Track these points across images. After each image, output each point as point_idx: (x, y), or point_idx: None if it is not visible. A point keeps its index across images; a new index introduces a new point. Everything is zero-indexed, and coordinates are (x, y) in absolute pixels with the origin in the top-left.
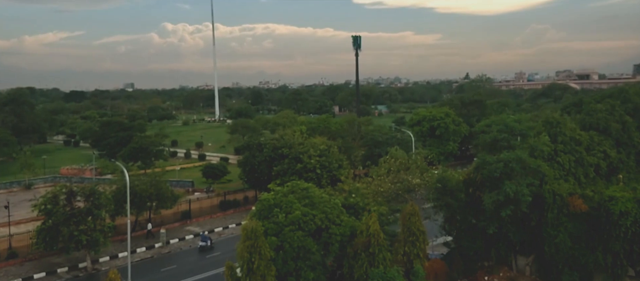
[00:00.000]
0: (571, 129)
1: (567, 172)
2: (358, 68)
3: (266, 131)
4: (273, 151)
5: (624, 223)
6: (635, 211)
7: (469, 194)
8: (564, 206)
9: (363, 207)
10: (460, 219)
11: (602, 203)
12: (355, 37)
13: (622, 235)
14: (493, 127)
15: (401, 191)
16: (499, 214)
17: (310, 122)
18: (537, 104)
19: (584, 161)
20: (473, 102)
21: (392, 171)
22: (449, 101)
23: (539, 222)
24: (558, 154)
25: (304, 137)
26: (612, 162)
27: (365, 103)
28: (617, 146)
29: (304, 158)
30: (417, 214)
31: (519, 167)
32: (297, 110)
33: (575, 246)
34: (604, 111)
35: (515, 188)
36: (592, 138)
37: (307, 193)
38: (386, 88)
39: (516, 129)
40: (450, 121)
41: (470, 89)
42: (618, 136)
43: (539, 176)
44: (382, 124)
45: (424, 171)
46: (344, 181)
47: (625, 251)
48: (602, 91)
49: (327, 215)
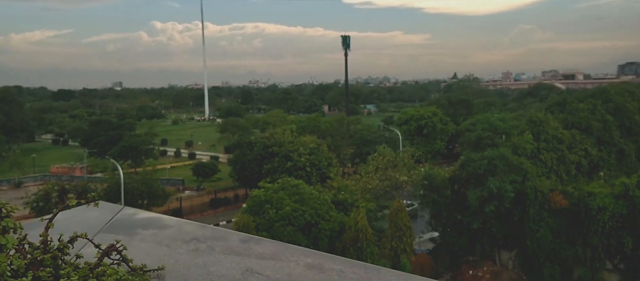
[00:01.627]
0: (554, 127)
1: (550, 169)
2: (347, 68)
3: (256, 130)
4: (263, 149)
5: (601, 218)
6: (613, 206)
7: (455, 191)
8: (545, 202)
9: (351, 203)
10: (446, 215)
11: (581, 198)
12: (344, 37)
13: (600, 229)
14: (477, 125)
15: (389, 188)
16: (483, 210)
17: (300, 121)
18: (523, 104)
19: (566, 159)
20: (460, 102)
21: (380, 168)
22: (436, 101)
23: (522, 217)
24: (541, 152)
25: (294, 136)
26: (593, 160)
27: (355, 102)
28: (598, 145)
29: (294, 156)
30: (404, 210)
31: (502, 164)
32: (287, 109)
33: (555, 240)
34: (586, 111)
35: (499, 185)
36: (574, 137)
37: (297, 189)
38: (375, 87)
39: (500, 128)
40: (438, 120)
41: (457, 89)
42: (599, 134)
43: (522, 173)
44: (371, 123)
45: (411, 168)
46: (333, 178)
47: (603, 244)
48: (587, 91)
49: (317, 211)
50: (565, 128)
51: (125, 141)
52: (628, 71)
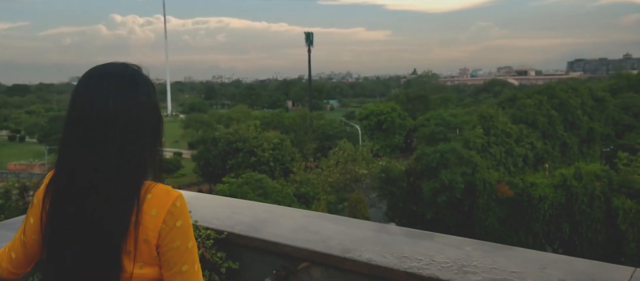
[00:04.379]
0: (503, 122)
1: (498, 162)
2: (310, 64)
3: (220, 125)
4: (227, 145)
5: (542, 206)
6: (552, 196)
7: (410, 183)
8: (492, 192)
9: (313, 196)
10: (402, 206)
11: (525, 189)
12: (307, 33)
13: (541, 217)
14: (431, 121)
15: (349, 181)
16: (436, 200)
17: (264, 117)
18: (478, 99)
19: (514, 152)
20: (418, 97)
21: (340, 162)
22: (395, 97)
23: (471, 207)
24: (490, 145)
25: (258, 132)
26: (539, 152)
27: (318, 98)
28: (543, 138)
29: (258, 151)
30: (362, 202)
31: (454, 157)
32: (251, 105)
33: (502, 228)
34: (532, 106)
35: (450, 177)
36: (521, 131)
37: (260, 183)
38: (338, 83)
39: (452, 123)
40: (396, 115)
41: (416, 85)
42: (544, 128)
43: (472, 165)
44: (333, 118)
45: (369, 162)
46: (296, 172)
47: (544, 231)
48: (537, 87)
49: (280, 204)
50: (513, 123)
51: None
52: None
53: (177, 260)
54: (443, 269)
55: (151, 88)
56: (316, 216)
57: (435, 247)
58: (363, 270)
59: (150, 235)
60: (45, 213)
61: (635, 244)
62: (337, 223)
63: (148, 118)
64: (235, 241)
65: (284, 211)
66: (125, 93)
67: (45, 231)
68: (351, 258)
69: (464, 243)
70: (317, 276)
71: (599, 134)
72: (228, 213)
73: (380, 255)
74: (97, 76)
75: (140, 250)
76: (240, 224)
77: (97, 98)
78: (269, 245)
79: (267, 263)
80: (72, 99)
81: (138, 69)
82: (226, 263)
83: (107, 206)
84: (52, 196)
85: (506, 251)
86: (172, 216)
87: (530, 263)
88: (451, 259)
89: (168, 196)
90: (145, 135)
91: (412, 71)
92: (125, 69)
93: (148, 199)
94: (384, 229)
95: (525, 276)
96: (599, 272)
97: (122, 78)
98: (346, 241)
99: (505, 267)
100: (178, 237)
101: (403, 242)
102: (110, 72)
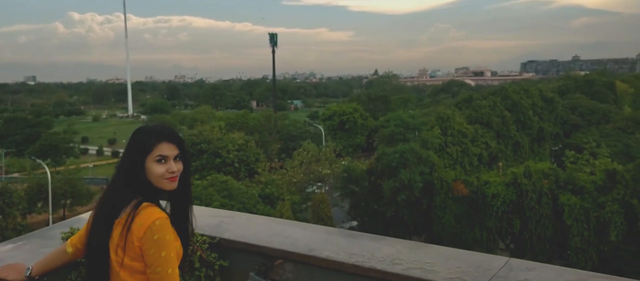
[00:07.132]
0: (459, 123)
1: (455, 161)
2: (275, 65)
3: (184, 126)
4: (192, 147)
5: (495, 204)
6: (504, 193)
7: (371, 183)
8: (449, 190)
9: (278, 196)
10: (363, 205)
11: (479, 187)
12: (271, 34)
13: (494, 214)
14: (391, 122)
15: (312, 181)
16: (396, 199)
17: (228, 118)
18: (436, 100)
19: (469, 151)
20: (379, 98)
21: (304, 163)
22: (357, 97)
23: (429, 205)
24: (448, 145)
25: (223, 133)
26: (493, 151)
27: (282, 98)
28: (497, 138)
29: (222, 152)
30: (325, 202)
31: (412, 157)
32: (215, 105)
33: (458, 225)
34: (487, 107)
35: (409, 176)
36: (476, 131)
37: (225, 185)
38: (302, 83)
39: (411, 124)
40: (358, 115)
41: (377, 85)
42: (498, 128)
43: (430, 165)
44: (297, 118)
45: (332, 162)
46: (260, 173)
47: (497, 227)
48: (492, 87)
49: (245, 205)
50: (469, 123)
51: (44, 139)
52: (529, 68)
53: (153, 262)
54: (379, 262)
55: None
56: (287, 224)
57: (375, 246)
58: (322, 264)
59: (135, 239)
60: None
61: (580, 238)
62: (304, 228)
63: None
64: (225, 245)
65: (260, 219)
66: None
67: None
68: (314, 255)
69: (396, 243)
70: (289, 269)
71: (549, 133)
72: (216, 222)
73: (335, 252)
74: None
75: (129, 248)
76: (227, 232)
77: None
78: (252, 246)
79: (250, 260)
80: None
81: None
82: (218, 261)
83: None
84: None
85: (426, 248)
86: (150, 230)
87: (440, 257)
88: (386, 254)
89: (152, 216)
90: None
91: (374, 72)
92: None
93: (140, 214)
94: (339, 233)
95: (434, 264)
96: (486, 261)
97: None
98: (311, 243)
99: (423, 259)
100: (153, 246)
101: (352, 243)
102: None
